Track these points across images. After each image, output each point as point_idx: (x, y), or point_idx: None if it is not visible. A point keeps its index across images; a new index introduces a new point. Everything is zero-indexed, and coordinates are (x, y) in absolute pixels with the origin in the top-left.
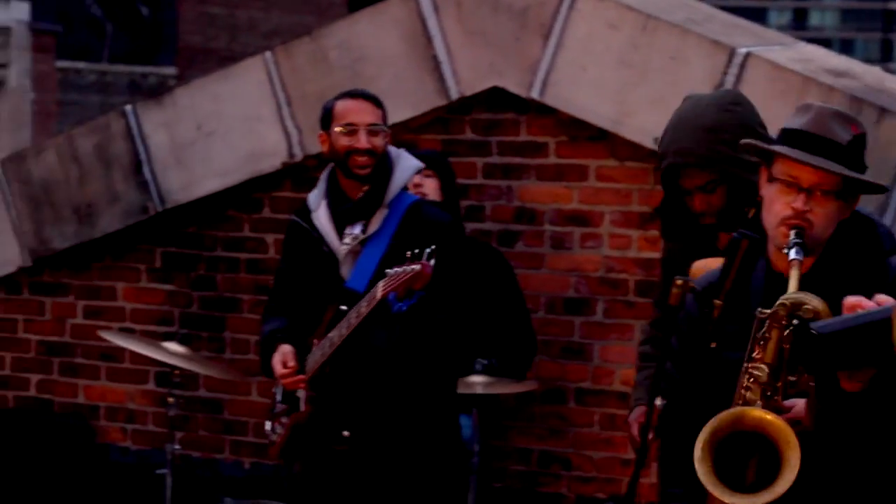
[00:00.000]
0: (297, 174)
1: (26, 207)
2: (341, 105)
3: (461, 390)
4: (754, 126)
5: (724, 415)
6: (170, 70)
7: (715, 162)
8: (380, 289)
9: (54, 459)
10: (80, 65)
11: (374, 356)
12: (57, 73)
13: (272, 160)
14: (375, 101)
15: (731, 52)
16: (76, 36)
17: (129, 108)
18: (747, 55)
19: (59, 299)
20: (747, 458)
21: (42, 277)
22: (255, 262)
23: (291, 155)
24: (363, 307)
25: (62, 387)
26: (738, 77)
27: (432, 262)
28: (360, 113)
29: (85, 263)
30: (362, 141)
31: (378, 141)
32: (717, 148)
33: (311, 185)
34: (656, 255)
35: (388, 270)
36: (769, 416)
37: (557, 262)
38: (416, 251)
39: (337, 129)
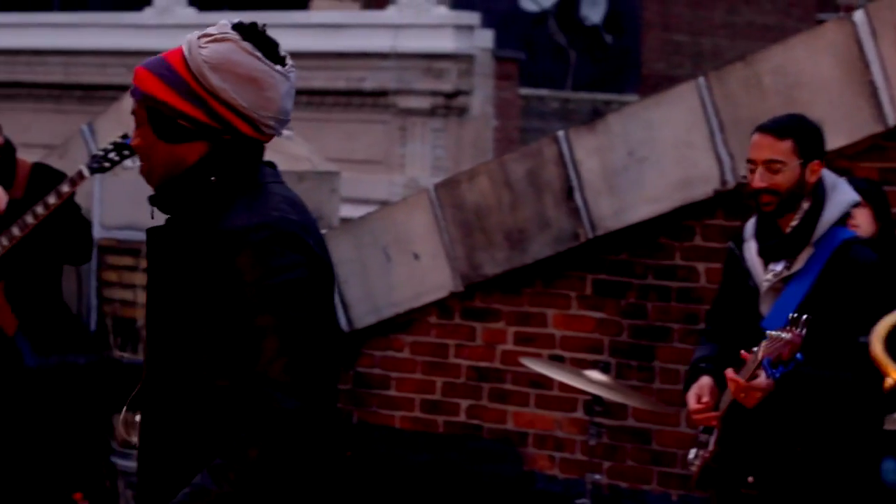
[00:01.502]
0: (729, 202)
1: (459, 233)
2: (751, 139)
3: (888, 426)
4: None
5: None
6: (632, 98)
7: None
8: (760, 350)
9: (482, 485)
10: (543, 92)
11: (765, 410)
12: (520, 100)
13: (704, 187)
14: (777, 134)
15: None
16: (540, 64)
17: (561, 133)
18: None
19: (490, 325)
20: None
21: (474, 303)
22: (686, 291)
23: (724, 182)
24: (750, 365)
25: (491, 413)
26: None
27: (803, 331)
28: (758, 149)
29: (516, 289)
30: (756, 180)
31: (779, 178)
32: None
33: (743, 213)
34: None
35: (769, 332)
36: None
37: None
38: (796, 316)
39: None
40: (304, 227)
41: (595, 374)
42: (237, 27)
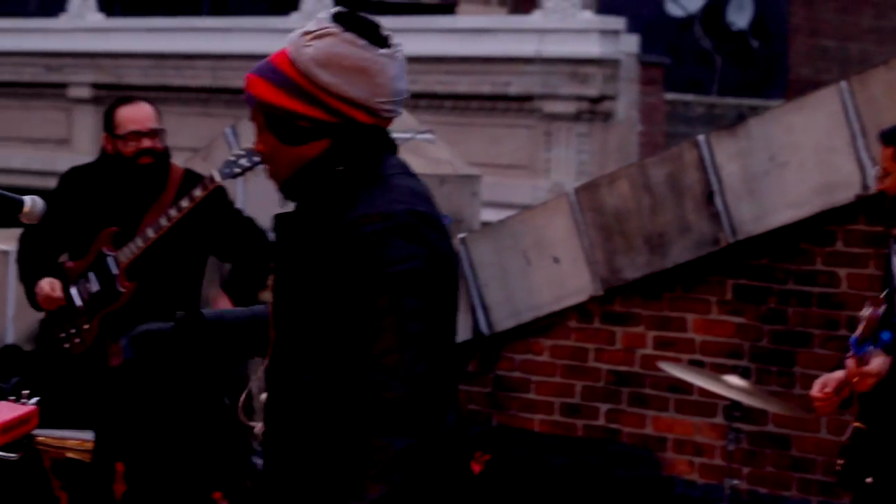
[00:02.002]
0: (872, 207)
1: (598, 236)
2: None
3: None
4: None
5: None
6: (778, 103)
7: None
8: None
9: (620, 489)
10: (689, 97)
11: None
12: (665, 105)
13: (846, 192)
14: (884, 140)
15: None
16: (685, 68)
17: (701, 138)
18: None
19: (630, 329)
20: None
21: (613, 307)
22: (827, 297)
23: (865, 187)
24: None
25: (630, 417)
26: None
27: (881, 308)
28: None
29: (655, 294)
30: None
31: (886, 183)
32: None
33: (886, 219)
34: None
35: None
36: None
37: None
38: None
39: None
40: (428, 219)
41: (735, 380)
42: (337, 17)
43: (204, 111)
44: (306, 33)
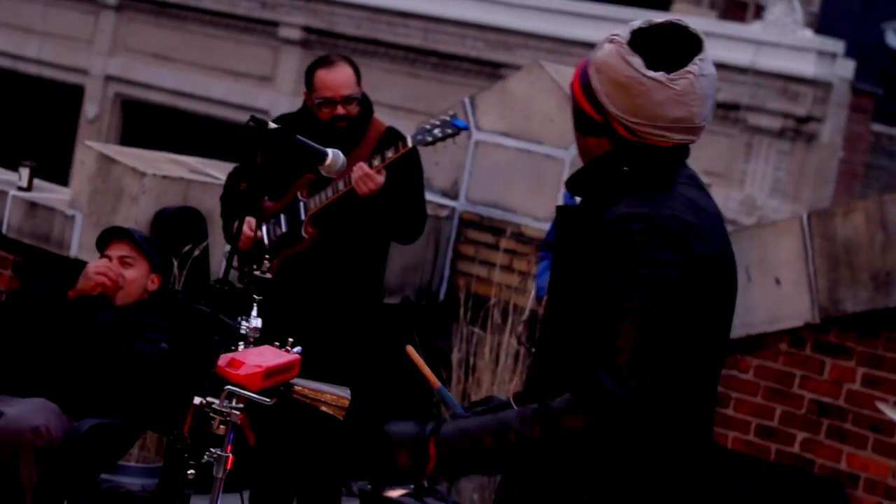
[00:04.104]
0: None
1: (824, 265)
2: None
3: None
4: None
5: None
6: None
7: None
8: None
9: None
10: (895, 131)
11: None
12: (870, 135)
13: None
14: None
15: None
16: (895, 101)
17: None
18: None
19: (840, 362)
20: None
21: (827, 337)
22: None
23: None
24: None
25: (826, 449)
26: None
27: None
28: None
29: (873, 331)
30: None
31: None
32: None
33: None
34: None
35: None
36: None
37: None
38: None
39: None
40: (697, 230)
41: None
42: (638, 31)
43: (410, 71)
44: (612, 35)
